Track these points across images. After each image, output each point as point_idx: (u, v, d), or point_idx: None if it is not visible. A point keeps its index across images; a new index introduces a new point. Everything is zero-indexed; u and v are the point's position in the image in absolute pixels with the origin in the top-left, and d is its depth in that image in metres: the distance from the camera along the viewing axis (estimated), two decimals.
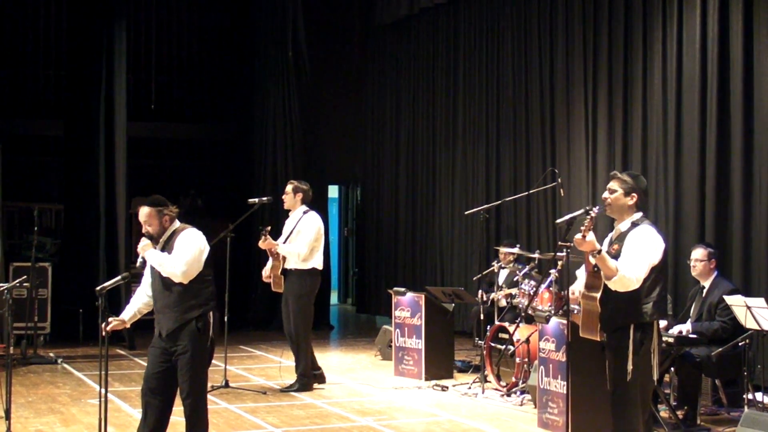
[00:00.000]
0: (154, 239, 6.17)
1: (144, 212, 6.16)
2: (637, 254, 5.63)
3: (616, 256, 5.71)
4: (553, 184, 10.56)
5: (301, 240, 9.29)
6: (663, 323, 7.97)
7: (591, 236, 5.54)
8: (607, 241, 5.96)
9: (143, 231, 6.18)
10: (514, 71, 12.75)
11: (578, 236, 5.55)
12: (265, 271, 9.55)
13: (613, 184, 5.86)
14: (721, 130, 9.42)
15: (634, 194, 5.81)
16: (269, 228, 9.34)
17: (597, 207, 5.81)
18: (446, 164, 14.19)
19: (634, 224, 5.78)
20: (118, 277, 6.27)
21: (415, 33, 15.18)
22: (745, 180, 9.16)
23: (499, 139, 13.04)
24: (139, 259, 6.20)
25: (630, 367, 5.64)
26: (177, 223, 6.21)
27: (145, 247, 6.14)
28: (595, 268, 5.66)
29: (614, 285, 5.62)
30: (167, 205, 6.19)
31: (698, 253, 8.18)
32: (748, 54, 9.18)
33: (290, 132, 15.05)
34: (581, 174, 11.28)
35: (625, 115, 10.68)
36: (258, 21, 15.63)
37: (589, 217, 5.57)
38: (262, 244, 9.32)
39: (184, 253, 6.01)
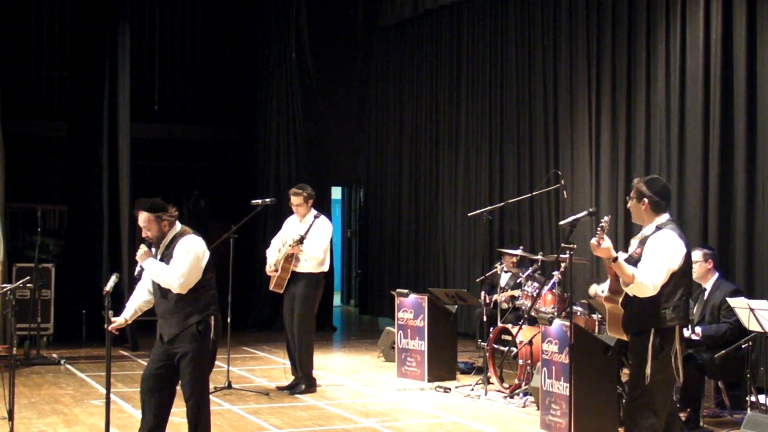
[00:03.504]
0: (153, 244, 6.16)
1: (143, 218, 6.13)
2: (655, 260, 5.61)
3: (639, 259, 5.72)
4: (557, 186, 10.56)
5: (318, 246, 9.30)
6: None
7: (607, 242, 5.54)
8: (635, 242, 5.95)
9: (143, 236, 6.17)
10: (517, 73, 12.74)
11: (593, 241, 5.55)
12: (270, 266, 9.49)
13: (631, 192, 5.90)
14: (724, 132, 9.42)
15: (644, 200, 5.79)
16: (304, 237, 9.30)
17: (608, 216, 5.80)
18: (449, 166, 14.18)
19: (658, 228, 5.77)
20: (113, 278, 6.14)
21: (418, 35, 15.17)
22: (748, 182, 9.16)
23: (502, 140, 13.03)
24: (137, 268, 6.19)
25: (648, 371, 5.63)
26: (178, 227, 6.19)
27: (142, 256, 6.12)
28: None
29: (632, 291, 5.62)
30: (166, 210, 6.14)
31: (694, 255, 8.16)
32: (751, 56, 9.18)
33: (293, 133, 15.05)
34: (584, 176, 11.27)
35: (628, 118, 10.68)
36: (261, 22, 15.63)
37: (602, 224, 5.57)
38: (291, 249, 9.26)
39: (181, 264, 5.99)
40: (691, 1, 9.86)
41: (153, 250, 6.17)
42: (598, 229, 5.55)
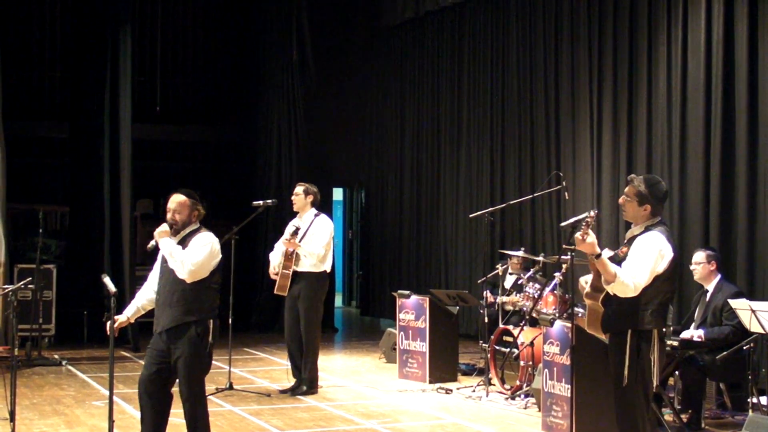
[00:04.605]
0: (172, 231, 6.17)
1: (178, 200, 6.17)
2: (640, 261, 5.55)
3: (624, 258, 5.67)
4: (558, 187, 10.55)
5: (317, 242, 9.30)
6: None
7: (591, 238, 5.46)
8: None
9: (168, 219, 6.17)
10: (519, 74, 12.74)
11: (578, 235, 5.50)
12: (273, 268, 9.50)
13: (629, 190, 5.76)
14: (725, 133, 9.41)
15: (647, 205, 5.69)
16: (299, 228, 9.33)
17: (595, 210, 5.75)
18: (451, 167, 14.18)
19: (647, 228, 5.70)
20: (107, 279, 6.10)
21: (420, 36, 15.18)
22: (750, 184, 9.16)
23: (503, 141, 13.03)
24: (152, 242, 6.20)
25: (626, 371, 5.62)
26: (198, 224, 6.23)
27: (162, 232, 6.13)
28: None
29: (613, 290, 5.57)
30: (200, 203, 6.22)
31: (697, 257, 8.18)
32: (752, 57, 9.18)
33: (295, 134, 15.06)
34: (586, 177, 11.27)
35: (629, 119, 10.68)
36: (263, 23, 15.65)
37: (587, 218, 5.51)
38: (286, 243, 9.29)
39: (197, 253, 6.03)
40: (692, 2, 9.87)
41: None
42: (583, 224, 5.48)
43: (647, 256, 5.57)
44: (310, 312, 9.32)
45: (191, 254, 6.02)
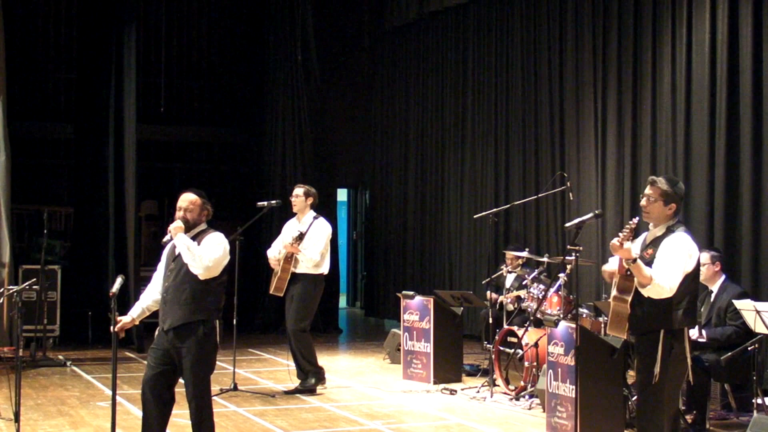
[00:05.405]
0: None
1: (190, 198, 6.18)
2: (672, 263, 5.57)
3: (650, 260, 5.67)
4: (562, 188, 10.55)
5: (315, 248, 9.32)
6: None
7: (629, 244, 5.49)
8: (639, 242, 5.88)
9: (179, 217, 6.17)
10: (523, 74, 12.74)
11: (615, 241, 5.50)
12: (274, 258, 9.51)
13: (651, 192, 5.76)
14: (730, 134, 9.41)
15: (673, 204, 5.74)
16: (302, 233, 9.35)
17: (637, 218, 5.75)
18: (455, 168, 14.19)
19: (670, 230, 5.71)
20: (119, 280, 6.09)
21: (424, 37, 15.19)
22: (754, 184, 9.15)
23: (508, 142, 13.04)
24: (167, 237, 6.20)
25: (657, 370, 5.61)
26: (206, 224, 6.26)
27: (177, 228, 6.11)
28: (628, 272, 5.63)
29: (647, 293, 5.57)
30: (209, 202, 6.25)
31: (702, 257, 8.14)
32: (757, 57, 9.17)
33: (299, 135, 15.07)
34: (590, 178, 11.27)
35: (634, 119, 10.68)
36: (268, 24, 15.66)
37: (630, 224, 5.51)
38: (288, 247, 9.32)
39: (214, 250, 6.05)
40: (697, 1, 9.86)
41: None
42: (626, 230, 5.48)
43: (678, 258, 5.60)
44: (300, 311, 9.34)
45: (208, 250, 6.04)
